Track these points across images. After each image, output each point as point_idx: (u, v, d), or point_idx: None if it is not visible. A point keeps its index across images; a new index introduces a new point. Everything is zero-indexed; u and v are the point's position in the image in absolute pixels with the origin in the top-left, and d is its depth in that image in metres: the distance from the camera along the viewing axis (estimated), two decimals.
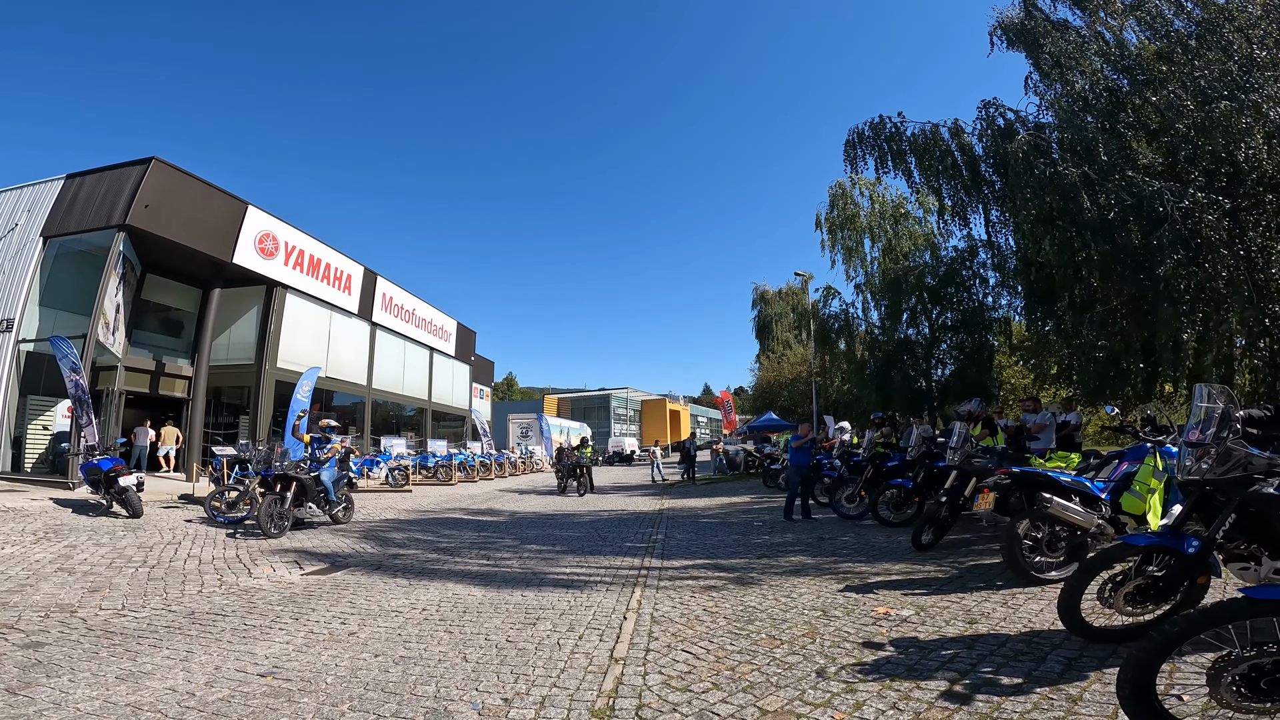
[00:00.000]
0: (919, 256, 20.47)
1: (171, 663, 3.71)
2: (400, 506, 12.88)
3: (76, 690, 3.25)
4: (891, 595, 4.92)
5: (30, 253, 13.59)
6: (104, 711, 2.98)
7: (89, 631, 4.32)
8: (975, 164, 12.39)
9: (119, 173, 13.96)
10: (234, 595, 5.47)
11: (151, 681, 3.40)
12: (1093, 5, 11.05)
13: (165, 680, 3.43)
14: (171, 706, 3.08)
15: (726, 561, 6.69)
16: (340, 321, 20.41)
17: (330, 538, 8.59)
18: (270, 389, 16.87)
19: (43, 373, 13.17)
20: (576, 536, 9.07)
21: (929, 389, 19.10)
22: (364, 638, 4.23)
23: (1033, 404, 9.19)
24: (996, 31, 11.97)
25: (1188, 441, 3.17)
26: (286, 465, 9.01)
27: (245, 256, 16.16)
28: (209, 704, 3.11)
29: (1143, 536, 3.50)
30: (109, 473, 9.05)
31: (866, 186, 22.19)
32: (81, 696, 3.16)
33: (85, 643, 4.07)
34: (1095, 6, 11.04)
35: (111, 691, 3.24)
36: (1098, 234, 9.09)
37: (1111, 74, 10.70)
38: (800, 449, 9.82)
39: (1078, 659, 3.33)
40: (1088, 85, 10.51)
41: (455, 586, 5.79)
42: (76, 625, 4.45)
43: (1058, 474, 4.98)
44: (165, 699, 3.17)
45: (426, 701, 3.13)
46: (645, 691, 3.18)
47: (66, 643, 4.06)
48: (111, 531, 7.85)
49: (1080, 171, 9.48)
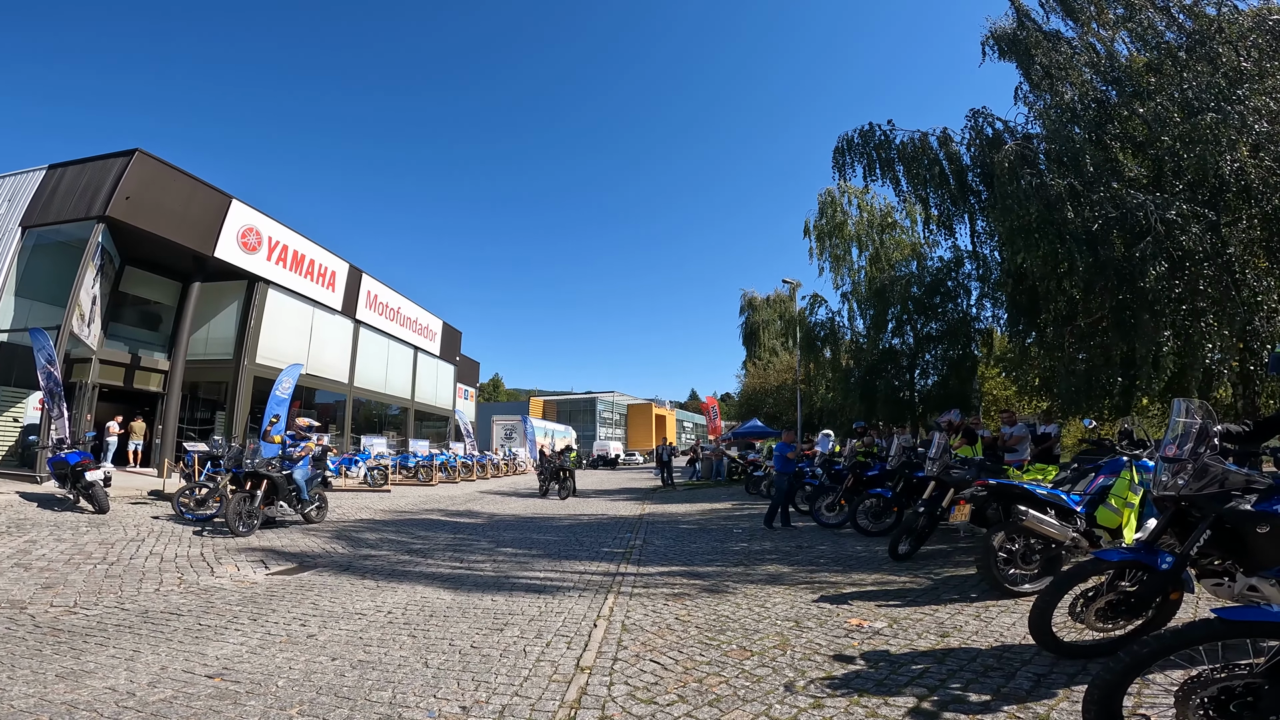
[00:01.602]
0: (905, 266, 20.55)
1: (116, 662, 3.61)
2: (377, 507, 12.68)
3: (13, 688, 3.15)
4: (865, 606, 4.87)
5: (8, 243, 13.32)
6: (38, 709, 2.90)
7: (36, 629, 4.21)
8: (962, 173, 12.45)
9: (101, 164, 13.71)
10: (192, 594, 5.33)
11: (92, 680, 3.30)
12: (1085, 16, 11.16)
13: (106, 679, 3.32)
14: (109, 706, 2.98)
15: (703, 569, 6.61)
16: (323, 318, 20.14)
17: (300, 537, 8.42)
18: (249, 385, 16.59)
19: (15, 364, 12.87)
20: (554, 540, 8.95)
21: (912, 399, 19.15)
22: (323, 640, 4.11)
23: (1009, 416, 9.26)
24: (989, 41, 12.04)
25: (1165, 456, 3.13)
26: (258, 463, 8.84)
27: (227, 251, 15.91)
28: (149, 704, 3.01)
29: (1116, 551, 3.47)
30: (76, 467, 8.82)
31: (855, 195, 22.32)
32: (17, 694, 3.07)
33: (30, 640, 3.98)
34: (1088, 17, 11.15)
35: (49, 689, 3.14)
36: (1082, 245, 9.14)
37: (1101, 85, 10.80)
38: (784, 458, 9.80)
39: (1047, 675, 3.29)
40: (1076, 96, 10.59)
41: (424, 589, 5.67)
42: (24, 622, 4.34)
43: (1034, 486, 4.96)
44: (103, 698, 3.07)
45: (381, 708, 3.03)
46: (609, 703, 3.10)
47: (11, 639, 3.96)
48: (75, 527, 7.68)
49: (1066, 183, 9.53)
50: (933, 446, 7.06)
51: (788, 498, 9.70)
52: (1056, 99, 10.71)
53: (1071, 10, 11.28)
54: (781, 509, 9.60)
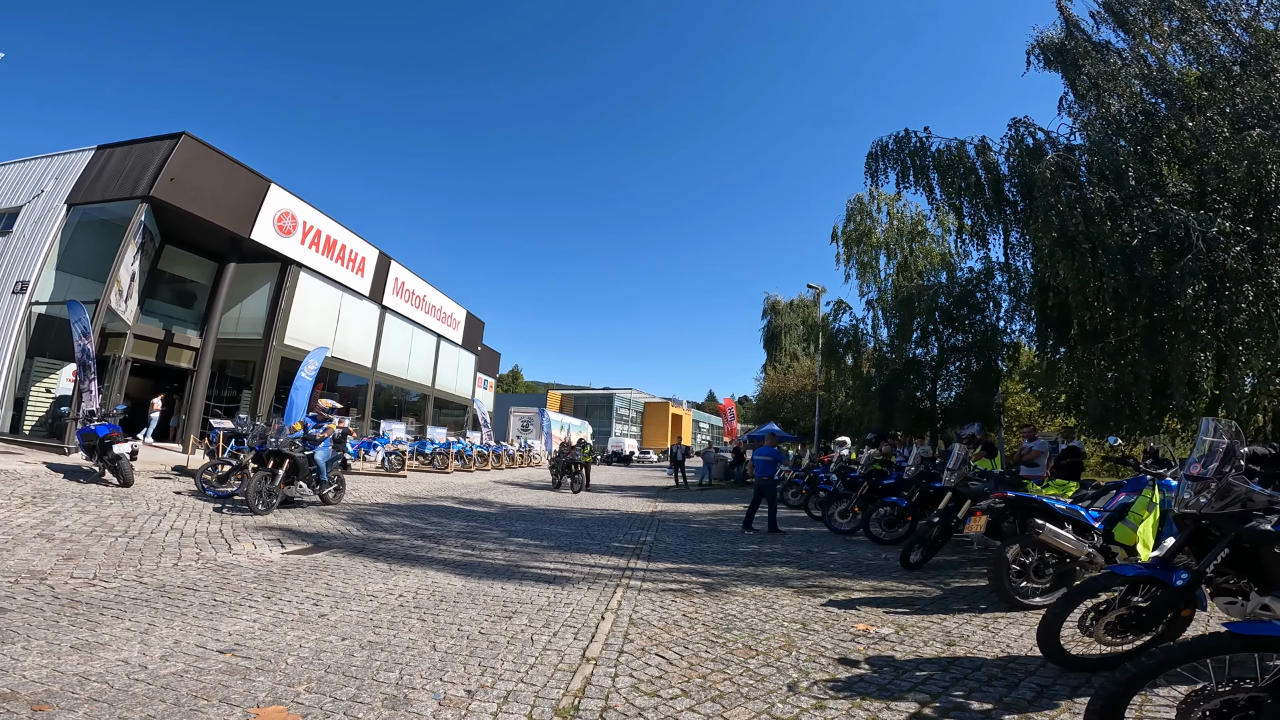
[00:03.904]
0: (934, 276, 20.25)
1: (131, 635, 3.65)
2: (393, 491, 12.86)
3: (28, 658, 3.17)
4: (873, 612, 4.84)
5: (53, 219, 13.75)
6: (50, 680, 2.92)
7: (54, 600, 4.24)
8: (999, 183, 12.19)
9: (148, 146, 14.11)
10: (209, 570, 5.40)
11: (106, 652, 3.33)
12: (1138, 28, 10.85)
13: (120, 652, 3.35)
14: (119, 678, 3.00)
15: (712, 568, 6.60)
16: (351, 303, 20.46)
17: (317, 518, 8.56)
18: (275, 365, 16.93)
19: (51, 335, 13.28)
20: (565, 533, 9.00)
21: (933, 410, 18.87)
22: (334, 620, 4.17)
23: (1030, 431, 9.12)
24: (1034, 51, 11.78)
25: (1189, 475, 3.13)
26: (281, 442, 8.97)
27: (263, 233, 16.25)
28: (159, 677, 3.04)
29: (1131, 566, 3.45)
30: (105, 439, 8.95)
31: (886, 201, 22.01)
32: (30, 665, 3.09)
33: (48, 611, 4.00)
34: (1140, 29, 10.84)
35: (63, 660, 3.17)
36: (1118, 261, 8.89)
37: (1150, 97, 10.49)
38: (765, 461, 9.80)
39: (1050, 686, 3.28)
40: (1124, 108, 10.29)
41: (436, 575, 5.74)
42: (43, 593, 4.37)
43: (1052, 501, 4.89)
44: (115, 670, 3.10)
45: (387, 688, 3.07)
46: (613, 694, 3.11)
47: (29, 610, 3.98)
48: (99, 499, 7.77)
49: (1107, 196, 9.29)
50: (952, 457, 6.98)
51: (771, 500, 9.68)
52: (1103, 110, 10.43)
53: (1124, 22, 10.99)
54: (770, 512, 9.61)
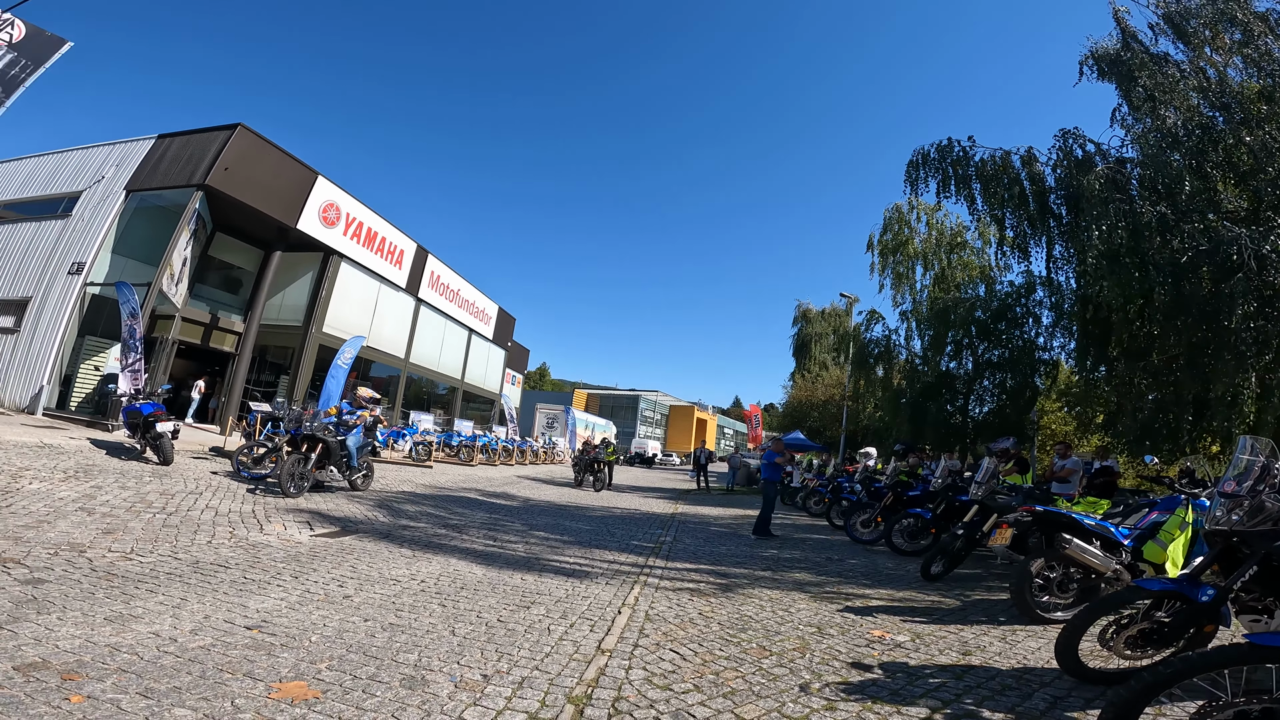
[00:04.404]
0: (972, 289, 19.83)
1: (163, 609, 3.73)
2: (419, 480, 13.10)
3: (62, 629, 3.23)
4: (890, 620, 4.81)
5: (112, 204, 14.40)
6: (82, 650, 2.99)
7: (92, 572, 4.34)
8: (1044, 195, 11.90)
9: (205, 136, 14.71)
10: (241, 549, 5.55)
11: (138, 625, 3.41)
12: (1198, 40, 10.52)
13: (152, 625, 3.43)
14: (149, 650, 3.08)
15: (730, 570, 6.59)
16: (388, 294, 20.93)
17: (345, 503, 8.77)
18: (313, 352, 17.43)
19: (103, 316, 13.88)
20: (585, 529, 9.06)
21: (964, 424, 18.45)
22: (358, 602, 4.27)
23: (1064, 449, 8.93)
24: (1088, 61, 11.49)
25: (1222, 492, 3.10)
26: (315, 426, 9.18)
27: (309, 223, 16.75)
28: (188, 650, 3.12)
29: (1156, 581, 3.40)
30: (149, 417, 9.22)
31: (925, 211, 21.65)
32: (64, 635, 3.15)
33: (85, 583, 4.07)
34: (1201, 42, 10.51)
35: (96, 632, 3.24)
36: (1166, 277, 8.63)
37: (1208, 110, 10.15)
38: (773, 465, 9.77)
39: (1064, 698, 3.24)
40: (1180, 121, 9.96)
41: (457, 563, 5.84)
42: (82, 565, 4.46)
43: (1081, 516, 4.79)
44: (146, 642, 3.17)
45: (405, 669, 3.14)
46: (626, 685, 3.14)
47: (67, 581, 4.05)
48: (139, 476, 7.99)
49: (1158, 210, 9.01)
50: (981, 470, 6.85)
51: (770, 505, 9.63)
52: (1158, 123, 10.11)
53: (1184, 34, 10.66)
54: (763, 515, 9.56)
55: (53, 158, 16.39)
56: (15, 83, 10.43)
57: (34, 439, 8.93)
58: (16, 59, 10.59)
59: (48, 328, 13.48)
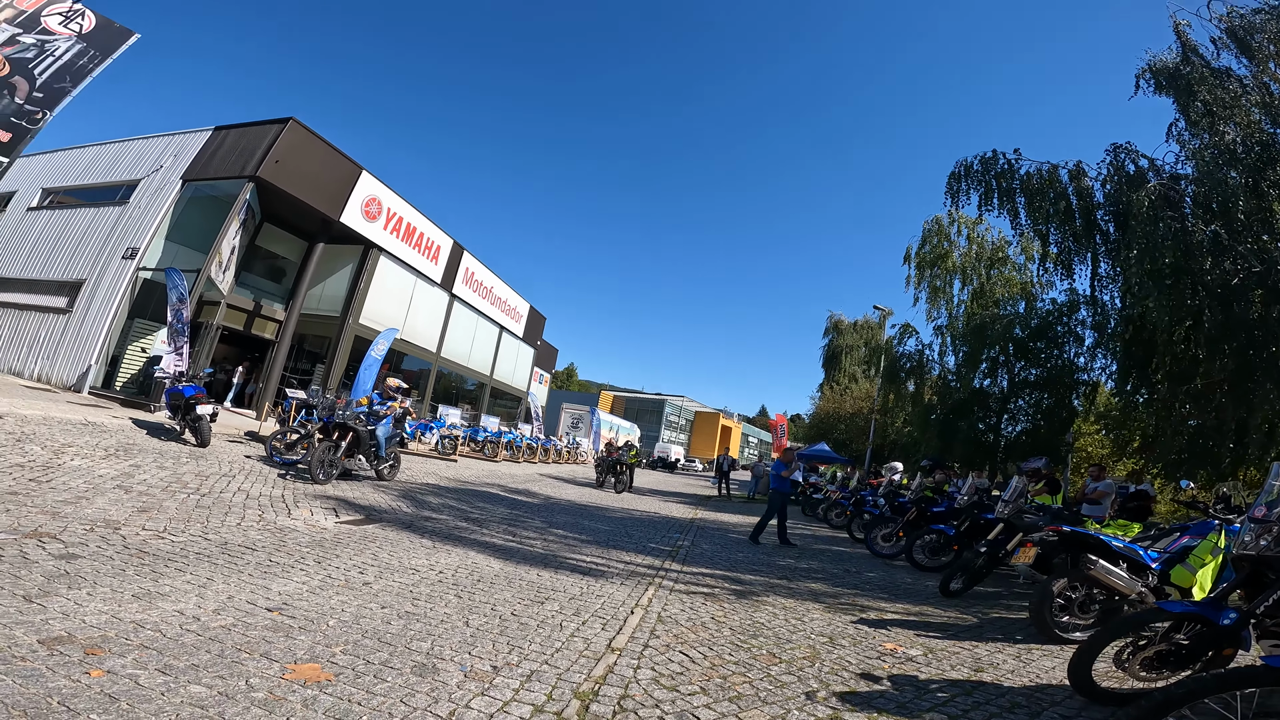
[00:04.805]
0: (1011, 305, 19.29)
1: (189, 588, 3.85)
2: (443, 474, 13.32)
3: (91, 604, 3.32)
4: (904, 634, 4.75)
5: (168, 192, 14.99)
6: (107, 626, 3.08)
7: (124, 549, 4.43)
8: (1091, 211, 11.55)
9: (259, 129, 15.20)
10: (268, 532, 5.69)
11: (164, 603, 3.51)
12: (1262, 55, 10.13)
13: (177, 603, 3.54)
14: (172, 628, 3.18)
15: (746, 577, 6.55)
16: (423, 289, 21.31)
17: (371, 492, 8.96)
18: (349, 342, 17.85)
19: (153, 299, 14.44)
20: (604, 530, 9.10)
21: (996, 444, 17.97)
22: (376, 589, 4.37)
23: (1098, 471, 8.68)
24: (1145, 75, 11.15)
25: (1252, 517, 3.03)
26: (347, 415, 9.39)
27: (351, 217, 17.18)
28: (210, 629, 3.23)
29: (1178, 604, 3.33)
30: (190, 400, 9.52)
31: (966, 225, 21.16)
32: (92, 610, 3.24)
33: (117, 559, 4.17)
34: (1265, 56, 10.11)
35: (123, 608, 3.33)
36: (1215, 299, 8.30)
37: (1269, 127, 9.77)
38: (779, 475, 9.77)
39: (1074, 717, 3.19)
40: (1239, 138, 9.59)
41: (476, 555, 5.93)
42: (115, 542, 4.55)
43: (1109, 538, 4.66)
44: (170, 620, 3.27)
45: (418, 656, 3.21)
46: (633, 683, 3.16)
47: (100, 558, 4.14)
48: (176, 457, 8.25)
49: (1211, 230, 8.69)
50: (1009, 489, 6.69)
51: (771, 513, 9.60)
52: (1216, 139, 9.75)
53: (1248, 48, 10.27)
54: (779, 525, 9.58)
55: (114, 146, 17.15)
56: (83, 73, 10.88)
57: (79, 417, 9.33)
58: (86, 49, 11.01)
59: (99, 310, 14.09)
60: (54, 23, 10.89)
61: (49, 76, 10.54)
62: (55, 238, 16.04)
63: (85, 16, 11.24)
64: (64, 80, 10.65)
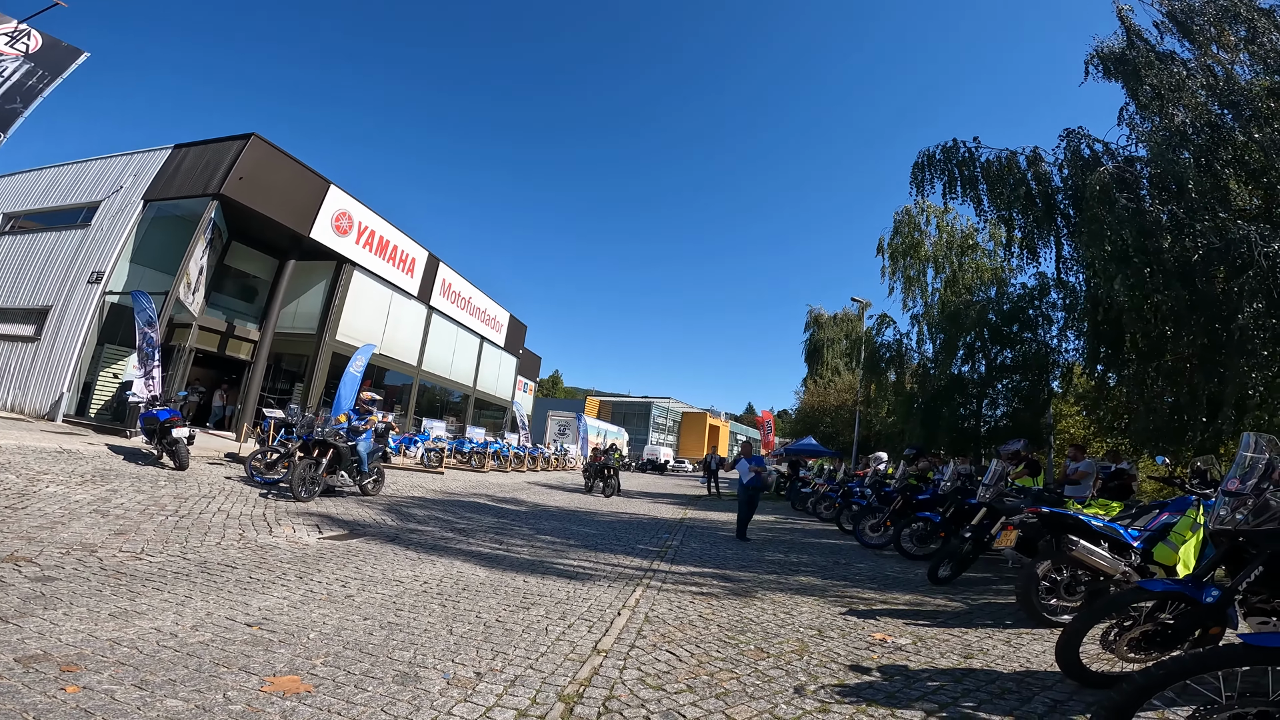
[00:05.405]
0: (984, 292, 19.59)
1: (167, 606, 3.79)
2: (429, 486, 13.19)
3: (67, 624, 3.29)
4: (893, 623, 4.78)
5: (130, 213, 14.67)
6: (84, 644, 3.05)
7: (101, 570, 4.39)
8: (1050, 195, 11.78)
9: (220, 145, 14.94)
10: (249, 550, 5.62)
11: (141, 621, 3.47)
12: (1203, 38, 10.41)
13: (154, 621, 3.49)
14: (149, 644, 3.13)
15: (735, 573, 6.57)
16: (400, 302, 21.11)
17: (355, 507, 8.86)
18: (327, 360, 17.61)
19: (122, 324, 14.12)
20: (592, 533, 9.07)
21: (978, 429, 18.21)
22: (359, 601, 4.31)
23: (1077, 452, 8.80)
24: (1093, 60, 11.38)
25: (1226, 491, 3.05)
26: (326, 432, 9.31)
27: (322, 232, 16.95)
28: (187, 645, 3.18)
29: (1160, 582, 3.35)
30: (165, 423, 9.36)
31: (935, 214, 21.46)
32: (68, 630, 3.21)
33: (94, 581, 4.13)
34: (1206, 39, 10.39)
35: (99, 627, 3.30)
36: (1176, 277, 8.49)
37: (1216, 108, 10.01)
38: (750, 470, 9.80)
39: (1065, 702, 3.20)
40: (1189, 119, 9.83)
41: (461, 565, 5.88)
42: (92, 564, 4.51)
43: (1089, 518, 4.72)
44: (147, 637, 3.23)
45: (399, 666, 3.18)
46: (618, 684, 3.15)
47: (76, 579, 4.11)
48: (154, 480, 8.10)
49: (1168, 209, 8.89)
50: (989, 473, 6.77)
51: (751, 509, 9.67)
52: (1166, 121, 9.99)
53: (1189, 31, 10.54)
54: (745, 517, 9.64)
55: (72, 168, 16.75)
56: (33, 94, 10.64)
57: (53, 444, 9.11)
58: (34, 69, 10.76)
59: (68, 336, 13.77)
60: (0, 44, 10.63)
61: None
62: (19, 264, 15.63)
63: (31, 36, 10.98)
64: (14, 101, 10.41)
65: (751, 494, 9.70)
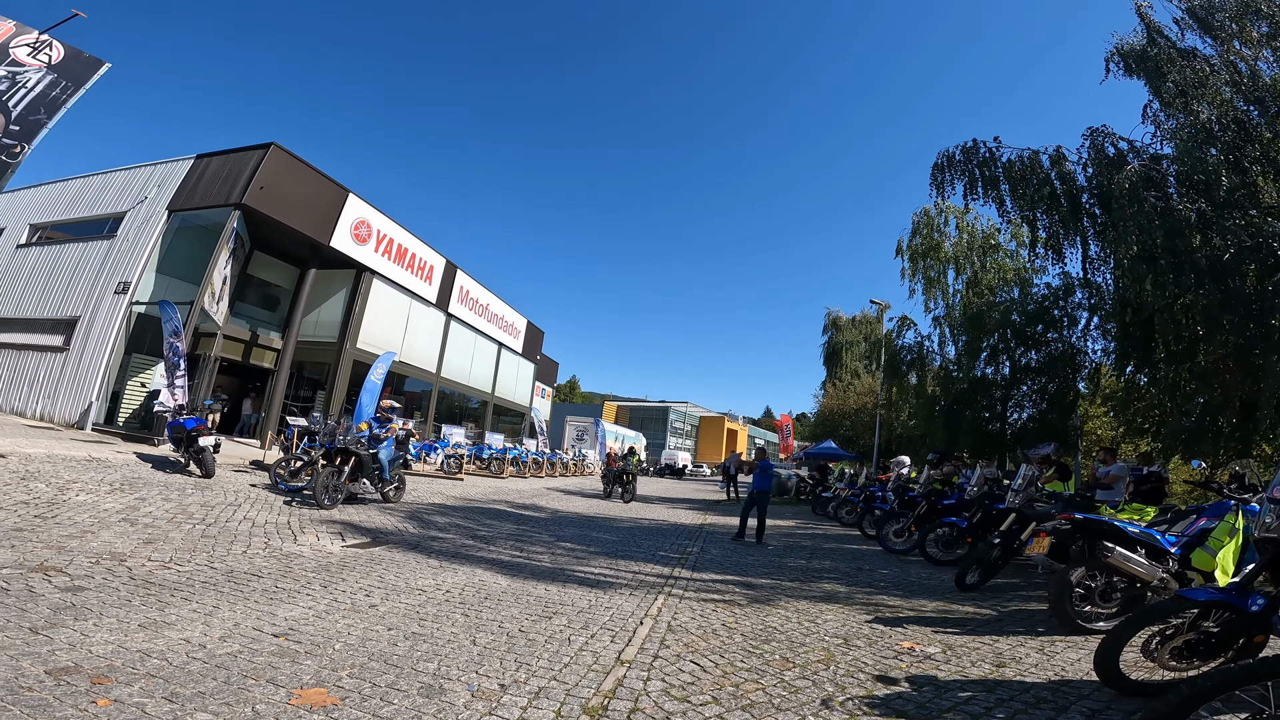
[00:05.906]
0: (1006, 292, 19.28)
1: (195, 616, 3.83)
2: (449, 493, 13.25)
3: (97, 634, 3.33)
4: (921, 631, 4.67)
5: (155, 224, 14.98)
6: (114, 655, 3.08)
7: (130, 580, 4.44)
8: (1075, 195, 11.56)
9: (241, 155, 15.21)
10: (275, 559, 5.67)
11: (170, 631, 3.50)
12: (1225, 34, 10.17)
13: (184, 631, 3.53)
14: (179, 655, 3.16)
15: (757, 580, 6.50)
16: (419, 310, 21.32)
17: (377, 514, 8.91)
18: (348, 368, 17.83)
19: (149, 334, 14.41)
20: (612, 540, 9.03)
21: (1002, 432, 17.88)
22: (383, 611, 4.32)
23: (1107, 455, 8.59)
24: (1114, 58, 11.18)
25: (1271, 497, 2.93)
26: (348, 440, 9.39)
27: (341, 241, 17.19)
28: (215, 656, 3.21)
29: (1203, 590, 3.24)
30: (191, 432, 9.54)
31: (955, 215, 21.18)
32: (98, 640, 3.25)
33: (123, 590, 4.18)
34: (1228, 35, 10.16)
35: (129, 638, 3.34)
36: (1207, 276, 8.27)
37: (1242, 105, 9.78)
38: (763, 473, 9.83)
39: (1102, 712, 3.09)
40: (1214, 116, 9.59)
41: (483, 573, 5.88)
42: (121, 574, 4.56)
43: (1125, 524, 4.58)
44: (176, 648, 3.26)
45: (424, 677, 3.17)
46: (643, 696, 3.11)
47: (106, 589, 4.15)
48: (181, 489, 8.22)
49: (1196, 207, 8.67)
50: (1018, 477, 6.62)
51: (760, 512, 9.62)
52: (1191, 118, 9.77)
53: (1210, 28, 10.32)
54: (741, 523, 9.68)
55: (98, 179, 17.14)
56: (57, 104, 10.84)
57: (83, 453, 9.30)
58: (57, 79, 10.95)
59: (96, 346, 14.08)
60: (23, 54, 10.84)
61: (23, 109, 10.50)
62: (47, 275, 16.04)
63: (53, 47, 11.18)
64: (39, 112, 10.62)
65: (757, 497, 9.65)
